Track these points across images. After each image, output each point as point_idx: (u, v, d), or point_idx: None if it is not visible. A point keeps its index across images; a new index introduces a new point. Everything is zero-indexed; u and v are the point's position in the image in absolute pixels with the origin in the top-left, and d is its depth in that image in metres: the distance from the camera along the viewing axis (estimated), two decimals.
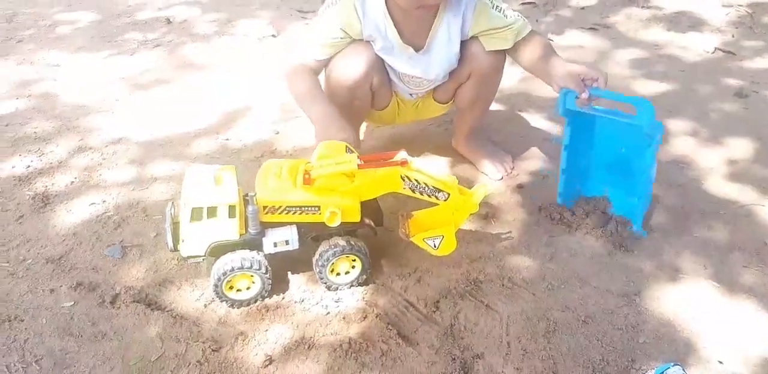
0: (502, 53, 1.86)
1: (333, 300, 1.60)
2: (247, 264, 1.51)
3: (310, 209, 1.53)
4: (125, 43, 3.17)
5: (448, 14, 1.75)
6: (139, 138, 2.33)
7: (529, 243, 1.78)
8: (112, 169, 2.15)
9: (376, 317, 1.54)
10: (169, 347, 1.47)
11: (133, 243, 1.80)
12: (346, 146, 1.57)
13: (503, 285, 1.64)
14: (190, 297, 1.62)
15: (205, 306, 1.59)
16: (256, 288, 1.57)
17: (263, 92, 2.62)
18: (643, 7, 3.42)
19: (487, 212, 1.90)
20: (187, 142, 2.30)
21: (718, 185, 2.01)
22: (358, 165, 1.50)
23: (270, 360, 1.43)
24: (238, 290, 1.56)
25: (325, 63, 1.81)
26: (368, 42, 1.79)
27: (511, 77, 2.65)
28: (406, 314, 1.56)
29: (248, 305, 1.58)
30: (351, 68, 1.78)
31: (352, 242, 1.58)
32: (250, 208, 1.50)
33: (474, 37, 1.82)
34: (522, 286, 1.64)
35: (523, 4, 3.49)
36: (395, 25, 1.74)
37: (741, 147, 2.20)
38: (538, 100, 2.53)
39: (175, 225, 1.55)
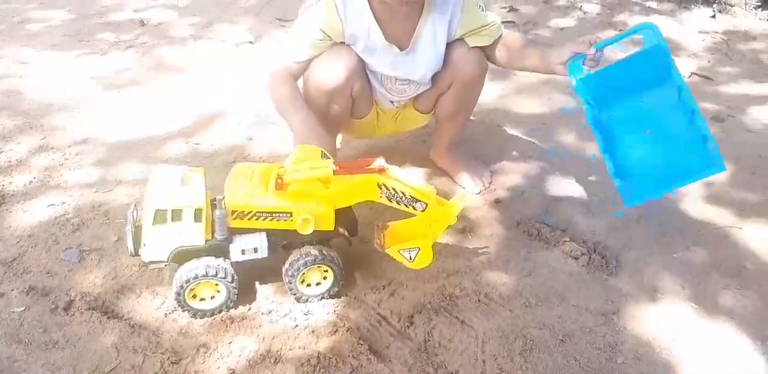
0: (485, 61, 1.84)
1: (302, 313, 1.53)
2: (212, 272, 1.43)
3: (281, 215, 1.45)
4: (97, 43, 3.09)
5: (434, 13, 1.72)
6: (106, 139, 2.24)
7: (507, 259, 1.74)
8: (75, 170, 2.06)
9: (347, 331, 1.47)
10: (125, 358, 1.39)
11: (92, 247, 1.70)
12: (322, 152, 1.51)
13: (479, 301, 1.58)
14: (150, 306, 1.53)
15: (166, 315, 1.51)
16: (221, 298, 1.49)
17: (237, 98, 2.55)
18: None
19: (465, 226, 1.85)
20: (156, 145, 2.22)
21: (696, 207, 1.99)
22: (334, 171, 1.45)
23: None
24: (201, 299, 1.48)
25: (306, 65, 1.74)
26: (349, 46, 1.74)
27: (490, 93, 2.63)
28: (379, 328, 1.50)
29: (212, 315, 1.50)
30: (331, 73, 1.72)
31: (325, 252, 1.51)
32: (217, 212, 1.42)
33: (457, 41, 1.79)
34: (498, 302, 1.58)
35: (503, 22, 3.48)
36: (379, 24, 1.70)
37: None
38: (516, 115, 2.51)
39: (137, 228, 1.46)
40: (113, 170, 2.06)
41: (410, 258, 1.56)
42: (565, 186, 2.06)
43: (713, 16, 3.57)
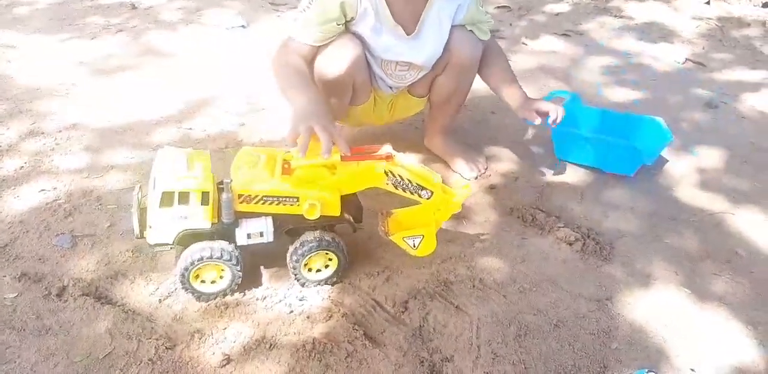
0: (480, 46, 1.85)
1: (297, 299, 1.52)
2: (218, 254, 1.42)
3: (288, 200, 1.44)
4: (86, 26, 3.04)
5: (438, 2, 1.72)
6: (96, 124, 2.21)
7: (501, 245, 1.74)
8: (66, 155, 2.03)
9: (342, 317, 1.47)
10: (119, 344, 1.38)
11: (84, 233, 1.69)
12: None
13: (474, 287, 1.59)
14: (144, 292, 1.52)
15: (160, 301, 1.50)
16: (225, 281, 1.48)
17: (229, 83, 2.52)
18: (615, 16, 3.43)
19: (459, 212, 1.84)
20: (147, 130, 2.20)
21: (689, 194, 2.00)
22: (341, 157, 1.44)
23: (228, 360, 1.35)
24: (202, 281, 1.47)
25: (316, 50, 1.72)
26: (354, 36, 1.73)
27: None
28: (374, 314, 1.50)
29: (215, 298, 1.49)
30: (335, 64, 1.72)
31: (330, 238, 1.50)
32: (224, 195, 1.40)
33: (457, 26, 1.80)
34: (493, 288, 1.59)
35: (497, 7, 3.47)
36: (387, 3, 1.70)
37: (711, 156, 2.21)
38: None
39: (142, 211, 1.44)
40: (104, 155, 2.04)
41: (414, 245, 1.55)
42: (560, 173, 2.06)
43: (707, 3, 3.57)
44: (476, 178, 2.01)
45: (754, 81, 2.79)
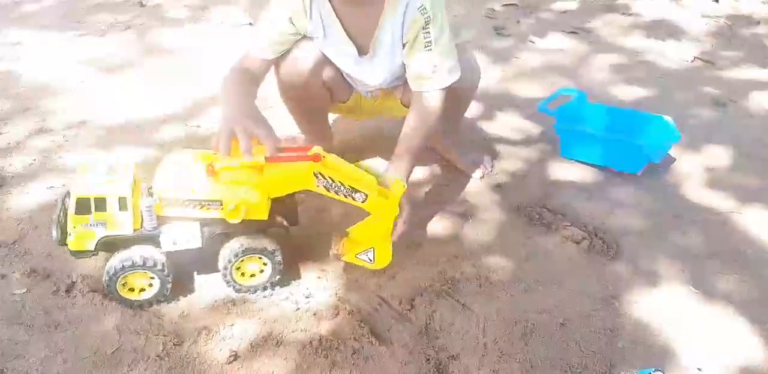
0: (477, 76, 1.83)
1: (303, 296, 1.53)
2: (141, 262, 1.39)
3: (211, 203, 1.41)
4: (93, 24, 3.05)
5: (391, 19, 1.61)
6: (103, 122, 2.23)
7: (507, 243, 1.74)
8: (73, 152, 2.04)
9: (349, 314, 1.48)
10: (127, 340, 1.39)
11: None
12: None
13: (480, 285, 1.59)
14: None
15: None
16: (154, 289, 1.45)
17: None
18: (623, 13, 3.42)
19: (465, 210, 1.86)
20: (155, 127, 2.21)
21: (696, 192, 2.00)
22: (266, 158, 1.39)
23: (235, 356, 1.36)
24: (131, 289, 1.45)
25: (271, 63, 1.70)
26: (312, 39, 1.68)
27: (491, 77, 2.62)
28: (380, 311, 1.50)
29: (145, 307, 1.47)
30: (298, 67, 1.69)
31: (258, 242, 1.46)
32: (143, 200, 1.38)
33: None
34: (499, 286, 1.59)
35: (504, 4, 3.46)
36: (341, 21, 1.63)
37: (718, 155, 2.20)
38: (517, 100, 2.50)
39: (66, 217, 1.41)
40: (111, 152, 2.05)
41: (370, 260, 1.54)
42: (566, 171, 2.06)
43: (716, 0, 3.55)
44: (482, 177, 2.01)
45: (763, 79, 2.77)
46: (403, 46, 1.65)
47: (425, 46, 1.61)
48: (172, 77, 2.56)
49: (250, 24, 3.07)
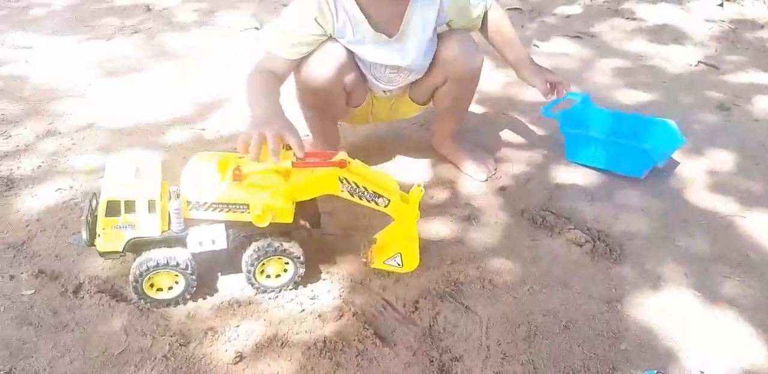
0: (480, 58, 1.85)
1: (308, 298, 1.54)
2: (171, 262, 1.42)
3: (237, 207, 1.43)
4: (101, 28, 3.08)
5: (419, 3, 1.71)
6: (111, 125, 2.25)
7: (511, 246, 1.75)
8: (82, 155, 2.06)
9: (353, 316, 1.49)
10: (134, 340, 1.40)
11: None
12: (284, 145, 1.46)
13: (484, 287, 1.60)
14: None
15: None
16: (179, 288, 1.48)
17: (243, 84, 2.54)
18: (627, 18, 3.43)
19: (469, 213, 1.86)
20: (161, 130, 2.23)
21: (700, 196, 2.00)
22: (293, 163, 1.42)
23: (240, 357, 1.37)
24: (159, 289, 1.47)
25: (295, 64, 1.72)
26: (337, 40, 1.73)
27: (495, 81, 2.63)
28: (384, 314, 1.51)
29: (167, 306, 1.49)
30: (321, 70, 1.71)
31: (282, 245, 1.49)
32: (173, 203, 1.40)
33: (450, 35, 1.80)
34: (503, 289, 1.60)
35: (509, 9, 3.48)
36: (365, 15, 1.68)
37: (723, 159, 2.20)
38: (521, 103, 2.51)
39: (94, 218, 1.44)
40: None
41: (399, 264, 1.57)
42: (570, 174, 2.06)
43: (720, 5, 3.55)
44: (486, 180, 2.02)
45: (767, 83, 2.78)
46: (438, 24, 1.79)
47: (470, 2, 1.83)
48: (179, 81, 2.58)
49: (257, 28, 3.09)
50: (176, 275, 1.46)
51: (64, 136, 2.16)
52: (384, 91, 1.92)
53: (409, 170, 2.06)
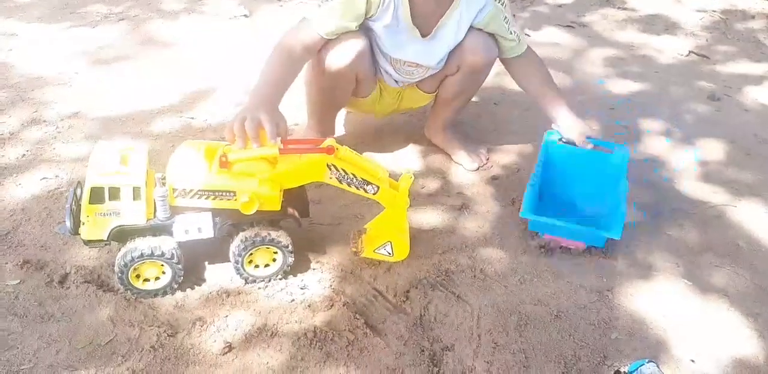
0: (495, 51, 1.84)
1: (298, 287, 1.53)
2: (156, 252, 1.39)
3: (224, 194, 1.41)
4: (88, 15, 3.02)
5: (462, 7, 1.72)
6: (97, 113, 2.21)
7: (502, 236, 1.74)
8: (67, 143, 2.03)
9: (344, 305, 1.48)
10: (121, 331, 1.38)
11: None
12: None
13: (475, 277, 1.59)
14: None
15: None
16: (166, 278, 1.46)
17: (231, 73, 2.52)
18: (618, 7, 3.42)
19: (461, 203, 1.86)
20: (149, 119, 2.19)
21: (690, 186, 2.00)
22: (280, 150, 1.40)
23: (229, 348, 1.36)
24: (145, 280, 1.45)
25: (324, 42, 1.71)
26: (363, 32, 1.73)
27: None
28: (375, 303, 1.50)
29: (155, 296, 1.47)
30: (339, 58, 1.72)
31: (270, 234, 1.47)
32: (158, 191, 1.38)
33: (472, 29, 1.79)
34: (494, 278, 1.59)
35: None
36: (411, 5, 1.69)
37: (713, 149, 2.21)
38: (512, 94, 2.49)
39: (78, 207, 1.41)
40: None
41: (389, 253, 1.56)
42: None
43: None
44: (477, 169, 2.01)
45: (757, 74, 2.78)
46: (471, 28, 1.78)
47: (508, 30, 1.80)
48: (167, 69, 2.55)
49: (245, 16, 3.05)
50: (162, 266, 1.44)
51: (49, 124, 2.13)
52: (396, 82, 1.92)
53: (401, 159, 2.05)
